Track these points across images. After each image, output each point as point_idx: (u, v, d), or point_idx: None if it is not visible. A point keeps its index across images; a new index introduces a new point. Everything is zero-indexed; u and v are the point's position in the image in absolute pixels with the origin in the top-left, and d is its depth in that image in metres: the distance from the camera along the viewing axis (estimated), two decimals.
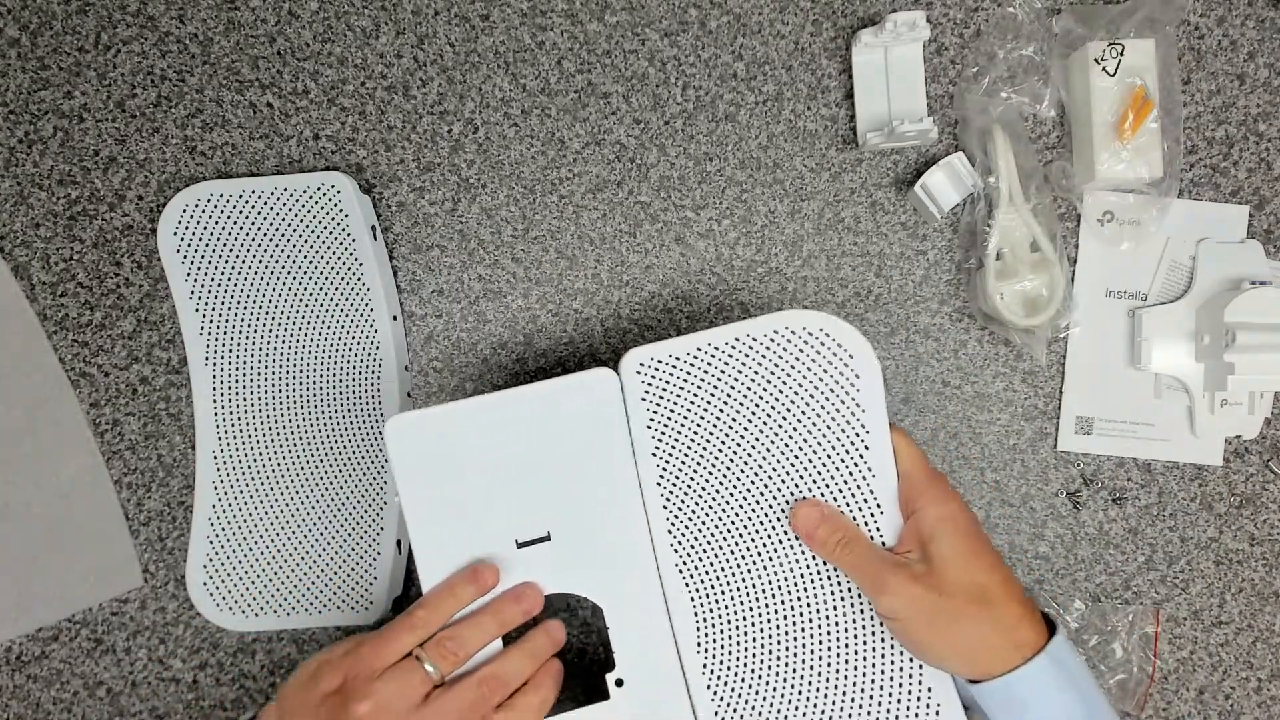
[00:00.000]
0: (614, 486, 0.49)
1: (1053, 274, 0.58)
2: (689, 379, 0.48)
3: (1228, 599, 0.61)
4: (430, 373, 0.63)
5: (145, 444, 0.63)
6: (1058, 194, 0.60)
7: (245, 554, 0.60)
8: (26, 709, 0.63)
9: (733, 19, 0.61)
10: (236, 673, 0.63)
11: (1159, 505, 0.61)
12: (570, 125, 0.62)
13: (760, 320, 0.48)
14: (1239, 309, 0.56)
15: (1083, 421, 0.61)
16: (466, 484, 0.49)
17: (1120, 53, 0.57)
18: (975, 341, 0.62)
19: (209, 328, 0.61)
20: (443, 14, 0.62)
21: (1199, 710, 0.61)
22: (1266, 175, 0.60)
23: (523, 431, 0.49)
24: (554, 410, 0.48)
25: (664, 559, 0.49)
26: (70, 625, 0.63)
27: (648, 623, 0.49)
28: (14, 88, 0.63)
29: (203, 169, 0.63)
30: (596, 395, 0.48)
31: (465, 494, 0.49)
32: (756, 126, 0.61)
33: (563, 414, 0.49)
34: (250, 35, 0.62)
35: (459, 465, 0.49)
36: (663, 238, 0.62)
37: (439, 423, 0.48)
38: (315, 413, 0.61)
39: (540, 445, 0.49)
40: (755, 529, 0.49)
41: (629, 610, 0.50)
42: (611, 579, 0.50)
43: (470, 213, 0.63)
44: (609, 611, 0.49)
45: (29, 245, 0.63)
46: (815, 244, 0.62)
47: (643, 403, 0.48)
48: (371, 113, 0.62)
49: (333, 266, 0.60)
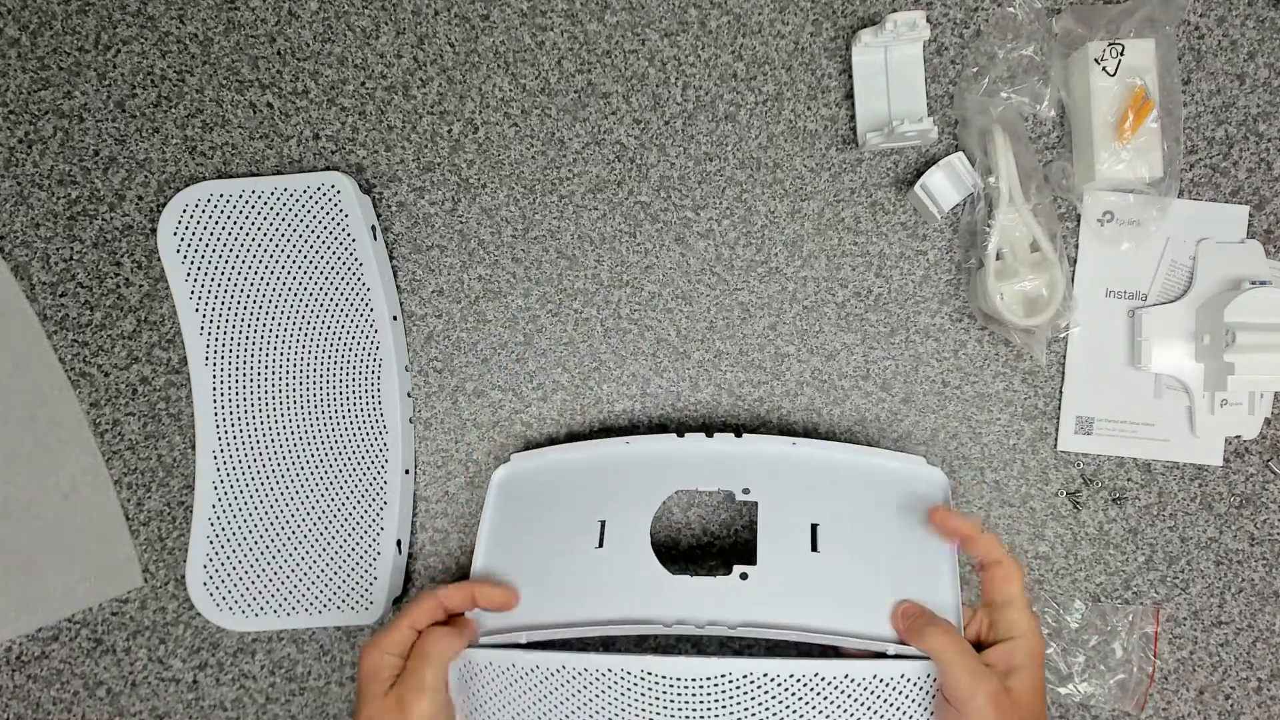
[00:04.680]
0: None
1: (1053, 274, 0.58)
2: None
3: (1228, 599, 0.61)
4: (430, 373, 0.63)
5: (145, 444, 0.63)
6: (1058, 194, 0.60)
7: (245, 554, 0.60)
8: (26, 709, 0.63)
9: (733, 19, 0.61)
10: (236, 673, 0.63)
11: (1159, 505, 0.61)
12: (570, 125, 0.62)
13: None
14: (1239, 309, 0.56)
15: (1083, 421, 0.61)
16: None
17: (1120, 53, 0.57)
18: (975, 341, 0.62)
19: (209, 328, 0.61)
20: (443, 14, 0.62)
21: (1199, 710, 0.61)
22: (1266, 175, 0.60)
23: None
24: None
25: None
26: (70, 625, 0.63)
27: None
28: (14, 88, 0.63)
29: (203, 169, 0.63)
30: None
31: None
32: (756, 126, 0.61)
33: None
34: (250, 35, 0.62)
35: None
36: (663, 238, 0.62)
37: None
38: (315, 413, 0.61)
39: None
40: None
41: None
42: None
43: (470, 213, 0.63)
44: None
45: (29, 245, 0.63)
46: (815, 244, 0.62)
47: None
48: (371, 113, 0.62)
49: (333, 266, 0.60)
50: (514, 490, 0.57)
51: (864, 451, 0.56)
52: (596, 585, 0.52)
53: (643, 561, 0.52)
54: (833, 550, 0.51)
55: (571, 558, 0.53)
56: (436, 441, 0.63)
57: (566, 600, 0.52)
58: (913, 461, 0.55)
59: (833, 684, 0.46)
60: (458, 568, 0.63)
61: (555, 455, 0.58)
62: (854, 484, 0.54)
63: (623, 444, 0.57)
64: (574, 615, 0.51)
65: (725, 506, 0.62)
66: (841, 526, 0.52)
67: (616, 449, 0.57)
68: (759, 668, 0.47)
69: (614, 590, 0.51)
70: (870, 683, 0.46)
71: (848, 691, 0.46)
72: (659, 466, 0.56)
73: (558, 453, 0.58)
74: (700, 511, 0.63)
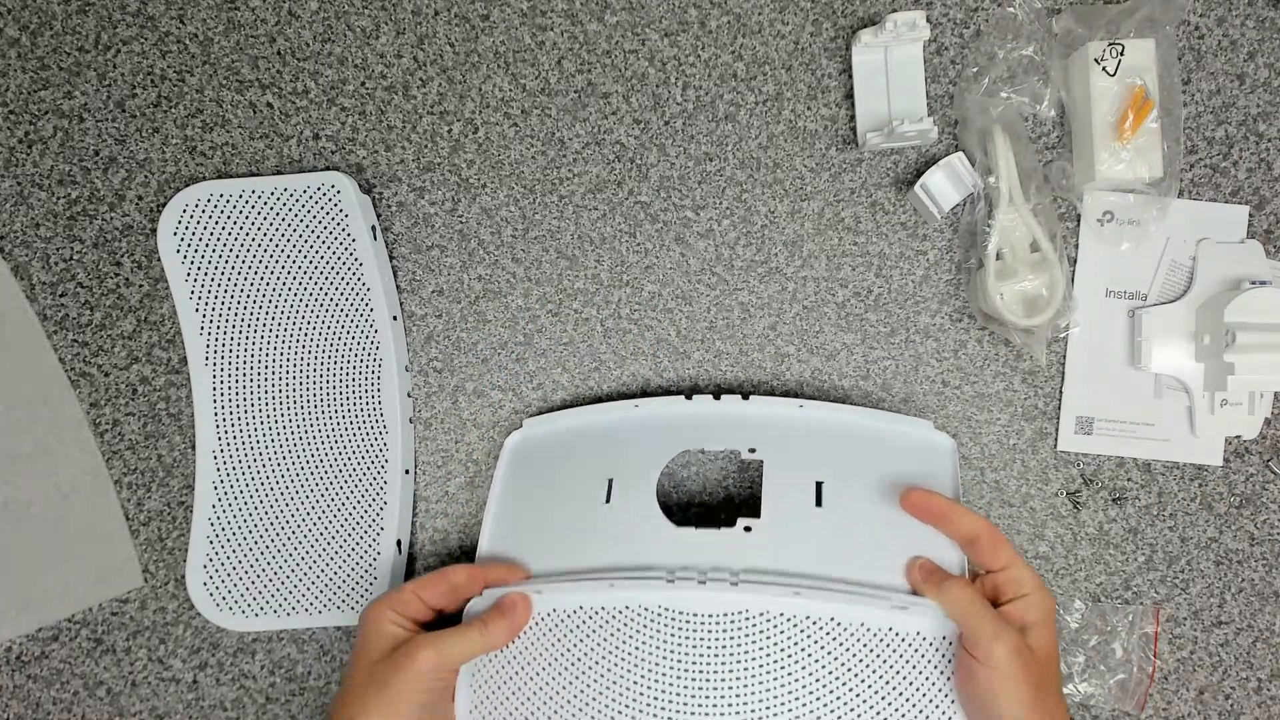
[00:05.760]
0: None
1: (1053, 274, 0.58)
2: None
3: (1228, 599, 0.61)
4: (430, 373, 0.63)
5: (145, 444, 0.63)
6: (1058, 194, 0.60)
7: (245, 554, 0.60)
8: (26, 709, 0.63)
9: (733, 19, 0.61)
10: (236, 673, 0.63)
11: (1159, 505, 0.61)
12: (570, 125, 0.62)
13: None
14: (1239, 309, 0.56)
15: (1083, 421, 0.61)
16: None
17: (1120, 53, 0.57)
18: (975, 341, 0.62)
19: (209, 328, 0.61)
20: (443, 14, 0.62)
21: (1199, 710, 0.61)
22: (1266, 175, 0.60)
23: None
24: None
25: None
26: (70, 625, 0.63)
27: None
28: (14, 88, 0.63)
29: (203, 169, 0.63)
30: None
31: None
32: (756, 126, 0.61)
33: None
34: (250, 35, 0.62)
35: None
36: (663, 238, 0.62)
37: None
38: (315, 413, 0.61)
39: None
40: None
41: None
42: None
43: (470, 213, 0.63)
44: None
45: (29, 245, 0.63)
46: (815, 244, 0.62)
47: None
48: (371, 113, 0.62)
49: (333, 266, 0.60)
50: (525, 455, 0.58)
51: (872, 414, 0.56)
52: (601, 538, 0.52)
53: (648, 515, 0.52)
54: (837, 506, 0.51)
55: (577, 513, 0.53)
56: (436, 441, 0.63)
57: (570, 553, 0.52)
58: (921, 426, 0.55)
59: (848, 630, 0.46)
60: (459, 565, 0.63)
61: (566, 419, 0.59)
62: (861, 445, 0.54)
63: (632, 406, 0.58)
64: (576, 566, 0.51)
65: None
66: (846, 484, 0.52)
67: (626, 411, 0.58)
68: (775, 606, 0.47)
69: (617, 542, 0.51)
70: (886, 635, 0.46)
71: (863, 640, 0.46)
72: (667, 427, 0.56)
73: (568, 416, 0.59)
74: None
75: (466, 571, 0.51)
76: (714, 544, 0.50)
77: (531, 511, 0.55)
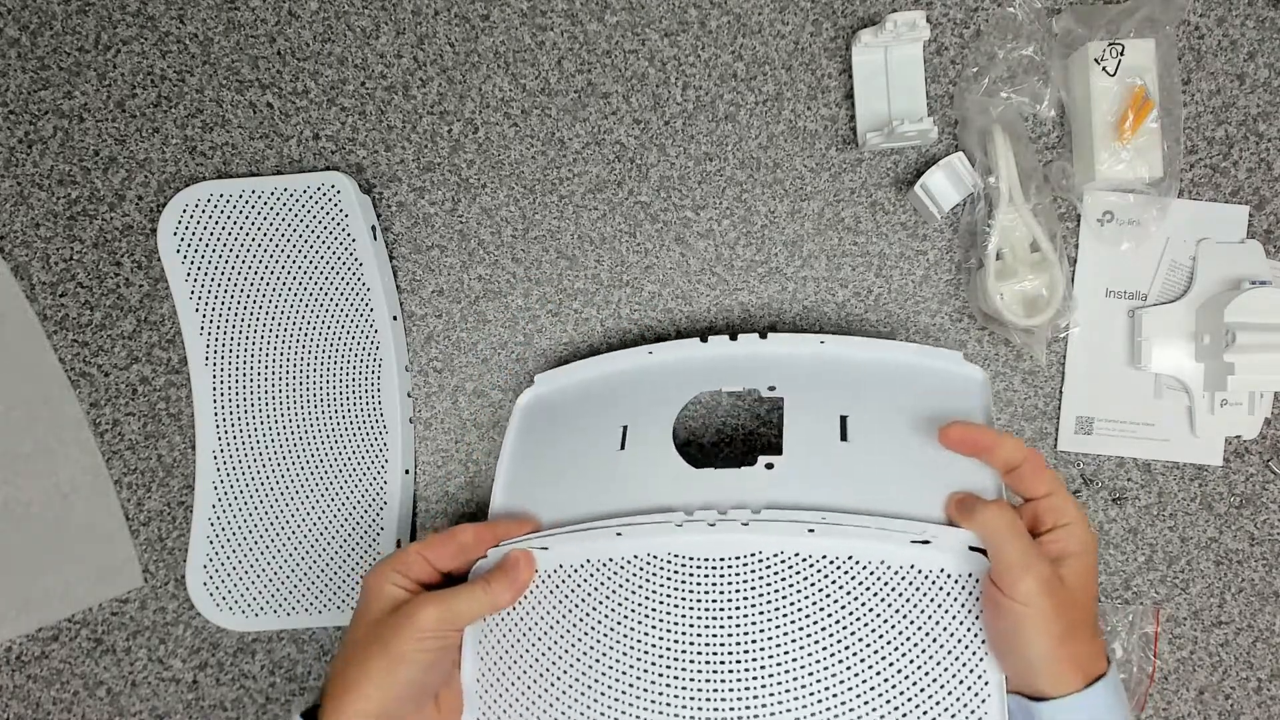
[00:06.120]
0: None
1: (1053, 274, 0.58)
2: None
3: (1228, 599, 0.61)
4: (430, 373, 0.63)
5: (145, 444, 0.63)
6: (1058, 194, 0.60)
7: (245, 554, 0.60)
8: (26, 709, 0.63)
9: (733, 19, 0.61)
10: (236, 673, 0.63)
11: (1159, 505, 0.61)
12: (570, 125, 0.62)
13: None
14: (1239, 309, 0.56)
15: (1083, 421, 0.61)
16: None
17: (1120, 53, 0.57)
18: (975, 341, 0.62)
19: (209, 328, 0.61)
20: (443, 14, 0.62)
21: (1199, 710, 0.61)
22: (1266, 175, 0.60)
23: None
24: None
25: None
26: (70, 625, 0.63)
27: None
28: (14, 88, 0.63)
29: (203, 169, 0.63)
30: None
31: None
32: (756, 126, 0.61)
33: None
34: (250, 35, 0.62)
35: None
36: (663, 238, 0.62)
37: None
38: (315, 413, 0.61)
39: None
40: None
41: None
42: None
43: (470, 213, 0.63)
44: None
45: (29, 245, 0.63)
46: (815, 244, 0.62)
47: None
48: (371, 113, 0.62)
49: (333, 266, 0.60)
50: (537, 411, 0.56)
51: (898, 347, 0.53)
52: (615, 484, 0.49)
53: (664, 458, 0.49)
54: (864, 440, 0.48)
55: (591, 462, 0.51)
56: (436, 441, 0.63)
57: (584, 502, 0.49)
58: (950, 358, 0.52)
59: (869, 569, 0.44)
60: None
61: (579, 372, 0.57)
62: (886, 378, 0.52)
63: (645, 353, 0.56)
64: (589, 513, 0.48)
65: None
66: (872, 418, 0.49)
67: (639, 359, 0.56)
68: (790, 546, 0.44)
69: (634, 485, 0.49)
70: (909, 573, 0.44)
71: (885, 580, 0.44)
72: (683, 370, 0.54)
73: (581, 369, 0.57)
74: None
75: (474, 530, 0.49)
76: (734, 483, 0.47)
77: (544, 465, 0.53)
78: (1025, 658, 0.41)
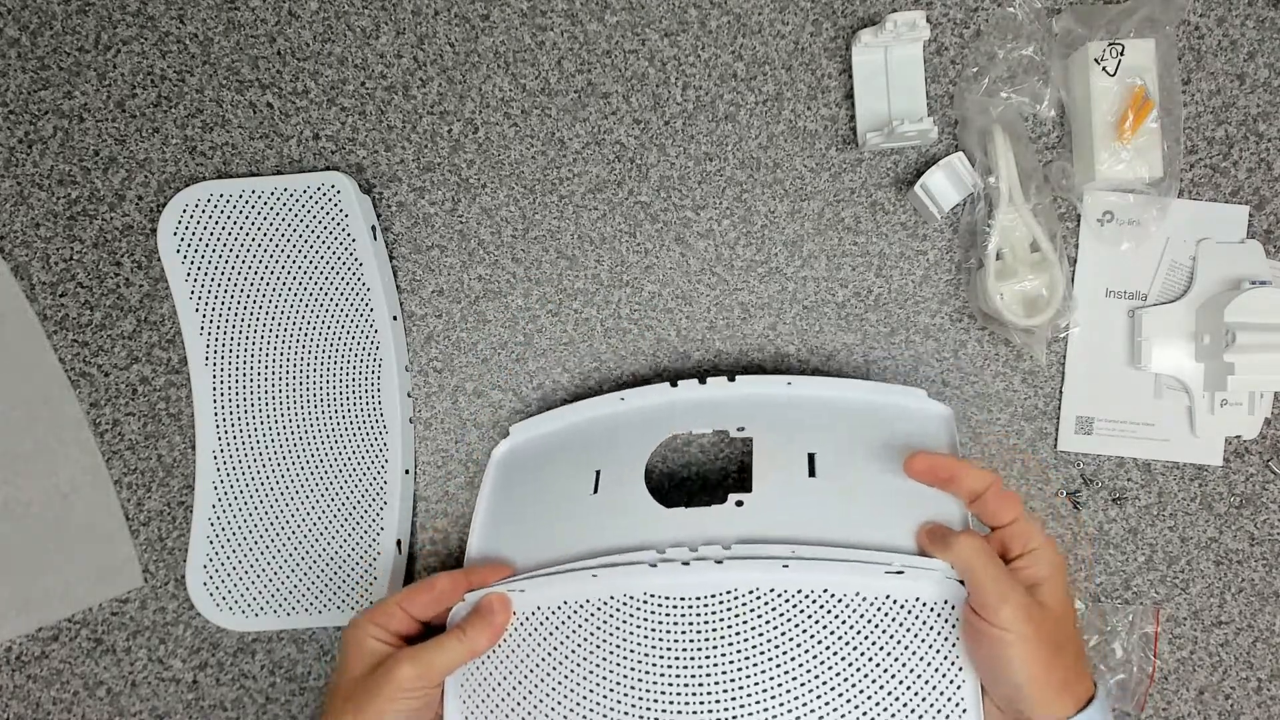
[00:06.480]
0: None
1: (1053, 274, 0.58)
2: None
3: (1228, 599, 0.61)
4: (430, 373, 0.63)
5: (145, 444, 0.63)
6: (1058, 194, 0.60)
7: (245, 554, 0.60)
8: (26, 709, 0.63)
9: (733, 19, 0.61)
10: (236, 673, 0.63)
11: (1159, 505, 0.61)
12: (570, 125, 0.62)
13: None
14: (1239, 309, 0.56)
15: (1083, 421, 0.61)
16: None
17: (1120, 53, 0.57)
18: (975, 341, 0.62)
19: (209, 328, 0.61)
20: (443, 14, 0.62)
21: (1199, 710, 0.61)
22: (1266, 175, 0.60)
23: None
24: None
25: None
26: (70, 625, 0.63)
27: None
28: (14, 88, 0.63)
29: (203, 169, 0.63)
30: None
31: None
32: (756, 126, 0.61)
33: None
34: (250, 35, 0.62)
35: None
36: (663, 238, 0.62)
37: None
38: (315, 413, 0.61)
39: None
40: None
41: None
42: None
43: (470, 213, 0.63)
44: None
45: (29, 245, 0.63)
46: (815, 244, 0.62)
47: None
48: (371, 113, 0.62)
49: (333, 266, 0.60)
50: (512, 462, 0.57)
51: (863, 386, 0.54)
52: (587, 526, 0.50)
53: (636, 499, 0.50)
54: (832, 474, 0.49)
55: (564, 507, 0.52)
56: (436, 441, 0.63)
57: (557, 545, 0.50)
58: (915, 395, 0.54)
59: (844, 602, 0.44)
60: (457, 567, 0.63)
61: (552, 421, 0.58)
62: (853, 416, 0.53)
63: (618, 400, 0.57)
64: (562, 556, 0.49)
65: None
66: (839, 454, 0.50)
67: (611, 406, 0.57)
68: (765, 582, 0.45)
69: (606, 527, 0.49)
70: (884, 604, 0.44)
71: (860, 612, 0.44)
72: (654, 415, 0.55)
73: (554, 418, 0.58)
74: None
75: (449, 578, 0.49)
76: (705, 521, 0.48)
77: (519, 512, 0.54)
78: (1013, 683, 0.42)
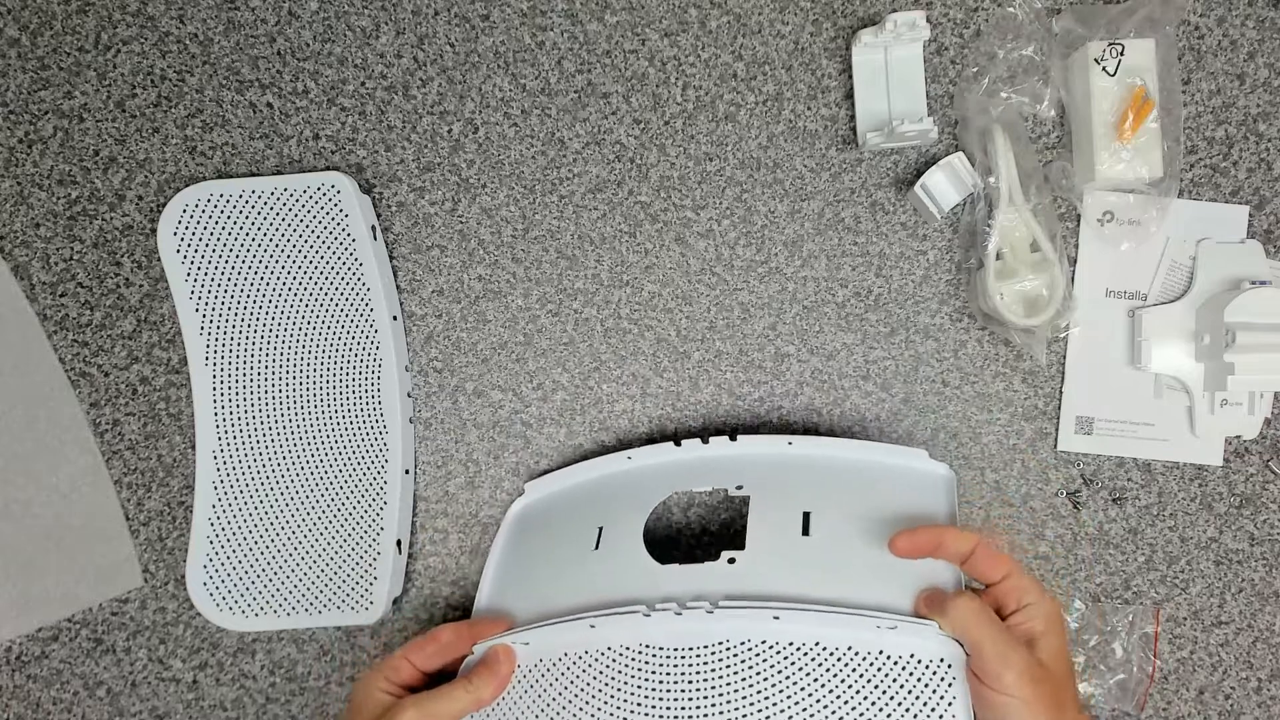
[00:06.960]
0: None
1: (1053, 274, 0.58)
2: None
3: (1228, 599, 0.61)
4: (430, 373, 0.63)
5: (145, 444, 0.63)
6: (1058, 194, 0.60)
7: (245, 554, 0.60)
8: (26, 709, 0.63)
9: (733, 19, 0.61)
10: (236, 673, 0.63)
11: (1159, 505, 0.61)
12: (570, 125, 0.62)
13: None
14: (1239, 309, 0.56)
15: (1083, 421, 0.61)
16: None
17: (1120, 53, 0.57)
18: (975, 341, 0.62)
19: (209, 328, 0.61)
20: (443, 14, 0.62)
21: (1199, 710, 0.61)
22: (1266, 175, 0.60)
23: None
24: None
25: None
26: (70, 625, 0.63)
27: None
28: (14, 88, 0.63)
29: (203, 169, 0.63)
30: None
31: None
32: (756, 126, 0.61)
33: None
34: (250, 35, 0.62)
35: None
36: (663, 238, 0.62)
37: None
38: (315, 413, 0.61)
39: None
40: None
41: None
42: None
43: (470, 213, 0.63)
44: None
45: (29, 245, 0.63)
46: (815, 244, 0.62)
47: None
48: (371, 113, 0.62)
49: (333, 266, 0.60)
50: (524, 519, 0.60)
51: (863, 447, 0.55)
52: (587, 581, 0.52)
53: (634, 555, 0.52)
54: (825, 534, 0.50)
55: (567, 562, 0.54)
56: (436, 441, 0.63)
57: (558, 597, 0.52)
58: (915, 456, 0.54)
59: (835, 655, 0.45)
60: (457, 567, 0.63)
61: (563, 480, 0.61)
62: (851, 476, 0.54)
63: (625, 459, 0.59)
64: (564, 608, 0.51)
65: (721, 505, 0.62)
66: (834, 514, 0.51)
67: (619, 465, 0.59)
68: (756, 633, 0.45)
69: (603, 582, 0.51)
70: (877, 659, 0.44)
71: (852, 666, 0.44)
72: (656, 474, 0.57)
73: (564, 477, 0.61)
74: (698, 512, 0.63)
75: (453, 629, 0.51)
76: (696, 577, 0.49)
77: (525, 567, 0.56)
78: None
